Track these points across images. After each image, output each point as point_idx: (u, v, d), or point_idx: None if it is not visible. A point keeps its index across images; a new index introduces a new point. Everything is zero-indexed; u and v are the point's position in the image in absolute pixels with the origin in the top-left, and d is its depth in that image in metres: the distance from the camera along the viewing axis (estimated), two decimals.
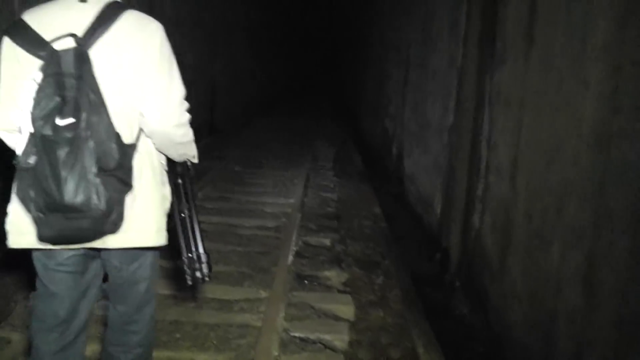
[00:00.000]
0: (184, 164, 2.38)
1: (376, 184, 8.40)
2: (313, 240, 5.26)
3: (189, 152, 2.35)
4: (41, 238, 2.01)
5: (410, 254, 5.51)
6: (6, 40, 2.03)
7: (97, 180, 1.92)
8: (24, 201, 1.99)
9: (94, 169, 1.91)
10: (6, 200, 2.14)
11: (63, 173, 1.88)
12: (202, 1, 11.47)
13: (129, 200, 2.06)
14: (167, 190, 2.30)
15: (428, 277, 5.03)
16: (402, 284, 4.43)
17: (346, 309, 3.90)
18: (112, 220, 2.01)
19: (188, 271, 2.29)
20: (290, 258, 4.70)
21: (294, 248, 4.95)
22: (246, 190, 7.11)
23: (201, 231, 2.36)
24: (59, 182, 1.88)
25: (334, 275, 4.47)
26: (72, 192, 1.89)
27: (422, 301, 4.28)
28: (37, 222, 1.98)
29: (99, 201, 1.93)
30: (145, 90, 2.08)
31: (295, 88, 25.12)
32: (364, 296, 4.12)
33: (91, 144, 1.91)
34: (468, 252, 4.61)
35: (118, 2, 2.10)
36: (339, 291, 4.21)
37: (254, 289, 4.16)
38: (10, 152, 2.09)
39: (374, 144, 11.73)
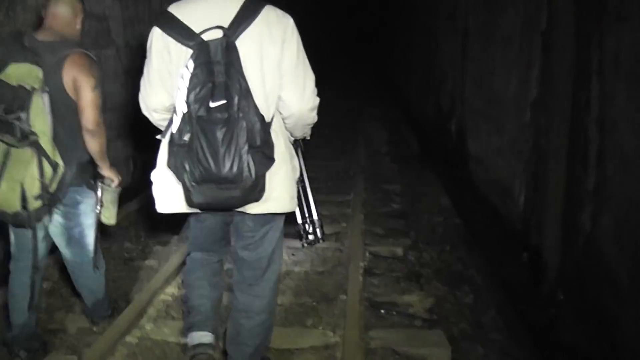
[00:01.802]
0: (297, 141, 2.67)
1: (436, 167, 7.56)
2: (382, 249, 4.47)
3: (308, 131, 2.66)
4: (192, 204, 2.31)
5: (491, 254, 4.68)
6: (156, 30, 2.30)
7: (248, 156, 2.16)
8: (177, 172, 2.25)
9: (245, 146, 2.15)
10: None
11: (221, 149, 2.12)
12: None
13: (268, 172, 2.29)
14: (296, 162, 2.57)
15: (518, 285, 4.19)
16: (496, 303, 3.61)
17: (440, 353, 3.09)
18: (258, 190, 2.25)
19: (304, 235, 2.68)
20: (360, 279, 3.88)
21: (361, 264, 4.15)
22: None
23: (314, 199, 2.69)
24: (216, 157, 2.13)
25: (415, 300, 3.67)
26: (228, 166, 2.13)
27: (521, 324, 3.45)
28: (190, 190, 2.23)
29: (249, 173, 2.17)
30: (285, 79, 2.34)
31: (339, 64, 24.04)
32: (455, 325, 3.32)
33: (243, 124, 2.16)
34: (575, 259, 3.74)
35: None
36: (424, 320, 3.41)
37: (319, 331, 3.34)
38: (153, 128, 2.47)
39: (426, 121, 10.82)
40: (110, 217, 3.07)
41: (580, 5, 3.71)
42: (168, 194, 2.41)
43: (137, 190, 5.32)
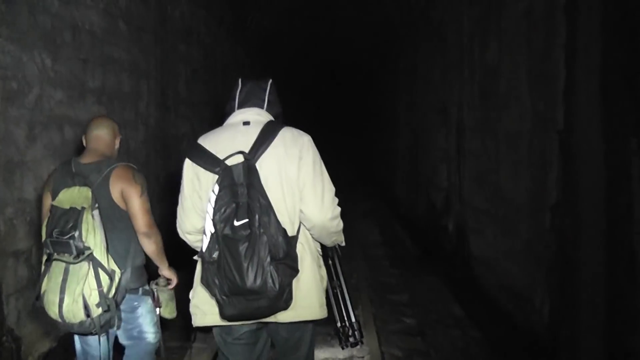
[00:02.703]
0: (333, 247, 2.78)
1: (437, 268, 7.11)
2: None
3: (338, 238, 2.76)
4: (224, 317, 2.45)
5: None
6: (187, 161, 2.56)
7: (271, 268, 2.32)
8: (209, 287, 2.42)
9: (268, 259, 2.32)
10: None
11: (244, 263, 2.30)
12: (220, 78, 10.53)
13: (295, 282, 2.44)
14: (323, 271, 2.67)
15: None
16: None
17: None
18: (284, 299, 2.38)
19: (343, 338, 2.69)
20: None
21: None
22: None
23: (351, 302, 2.73)
24: (241, 271, 2.30)
25: None
26: (252, 279, 2.30)
27: None
28: (221, 303, 2.39)
29: (273, 284, 2.32)
30: (305, 194, 2.51)
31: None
32: None
33: (264, 239, 2.33)
34: None
35: (274, 122, 2.61)
36: None
37: None
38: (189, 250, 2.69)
39: (417, 218, 10.46)
40: (171, 312, 3.28)
41: (607, 101, 3.40)
42: (204, 308, 2.56)
43: None
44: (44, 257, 2.93)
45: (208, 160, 2.50)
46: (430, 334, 4.76)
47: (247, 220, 2.34)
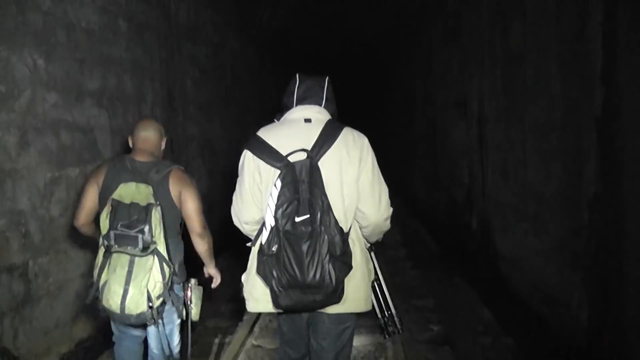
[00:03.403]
0: (371, 244, 2.89)
1: (461, 268, 6.74)
2: None
3: (382, 236, 2.87)
4: (279, 306, 2.53)
5: None
6: (248, 154, 2.63)
7: (329, 265, 2.43)
8: (266, 279, 2.52)
9: (327, 256, 2.42)
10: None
11: (306, 260, 2.40)
12: (228, 78, 10.22)
13: (346, 277, 2.54)
14: (370, 265, 2.79)
15: None
16: None
17: None
18: (338, 294, 2.49)
19: (385, 328, 2.88)
20: None
21: None
22: None
23: (390, 294, 2.90)
24: (302, 267, 2.40)
25: None
26: (312, 275, 2.40)
27: None
28: (277, 294, 2.48)
29: (330, 281, 2.43)
30: (364, 195, 2.61)
31: None
32: None
33: (325, 237, 2.42)
34: None
35: (334, 121, 2.69)
36: None
37: None
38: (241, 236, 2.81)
39: (437, 215, 10.08)
40: (196, 313, 3.33)
41: None
42: (257, 296, 2.63)
43: None
44: (101, 250, 3.02)
45: (270, 155, 2.56)
46: (459, 342, 4.41)
47: (308, 216, 2.42)
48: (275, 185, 2.47)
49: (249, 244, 2.74)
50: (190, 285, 3.29)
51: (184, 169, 3.29)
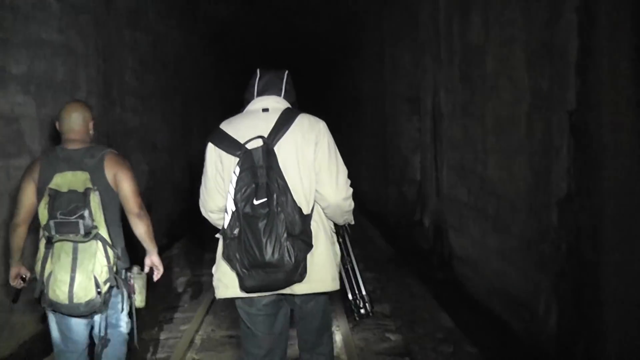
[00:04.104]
0: (343, 226, 2.96)
1: (415, 269, 6.48)
2: None
3: (349, 217, 2.92)
4: (244, 288, 2.62)
5: None
6: (210, 145, 2.73)
7: (287, 243, 2.53)
8: (230, 262, 2.62)
9: (285, 235, 2.53)
10: None
11: (263, 239, 2.51)
12: (172, 69, 9.71)
13: (310, 256, 2.63)
14: (336, 247, 2.86)
15: None
16: None
17: None
18: (299, 272, 2.58)
19: (355, 309, 2.92)
20: None
21: None
22: None
23: (361, 276, 2.97)
24: (260, 246, 2.51)
25: None
26: (270, 253, 2.51)
27: None
28: (242, 276, 2.59)
29: (290, 258, 2.53)
30: (320, 176, 2.70)
31: None
32: None
33: (282, 216, 2.54)
34: None
35: (291, 108, 2.81)
36: None
37: None
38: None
39: (387, 213, 9.85)
40: (141, 300, 3.29)
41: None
42: (227, 282, 2.70)
43: None
44: (42, 241, 2.99)
45: (230, 144, 2.66)
46: (419, 352, 4.11)
47: (265, 199, 2.53)
48: (234, 172, 2.58)
49: (217, 235, 2.78)
50: (132, 273, 3.25)
51: (117, 152, 3.27)
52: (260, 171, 2.56)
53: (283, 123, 2.69)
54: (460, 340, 4.29)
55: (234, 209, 2.57)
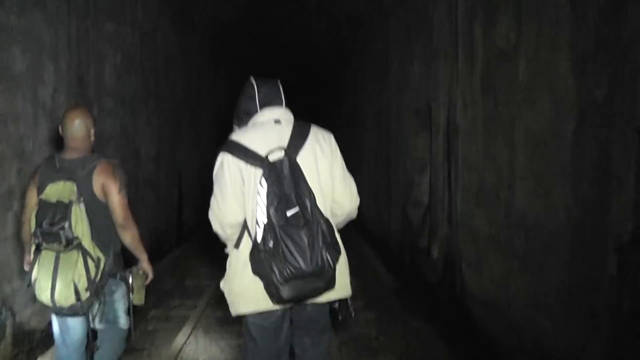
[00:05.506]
0: None
1: (422, 307, 5.64)
2: None
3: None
4: (280, 301, 2.63)
5: None
6: (228, 156, 2.71)
7: (326, 252, 2.56)
8: (263, 276, 2.60)
9: (321, 244, 2.56)
10: None
11: (307, 249, 2.52)
12: (161, 70, 8.90)
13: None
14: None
15: None
16: None
17: None
18: (333, 279, 2.64)
19: (338, 311, 2.90)
20: None
21: None
22: None
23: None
24: (305, 256, 2.51)
25: None
26: (315, 262, 2.53)
27: None
28: (278, 288, 2.56)
29: (329, 266, 2.58)
30: (337, 186, 2.81)
31: None
32: None
33: (317, 226, 2.57)
34: None
35: (301, 120, 2.85)
36: None
37: None
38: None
39: (389, 238, 9.00)
40: (140, 299, 3.41)
41: None
42: (249, 296, 2.70)
43: None
44: (33, 247, 3.13)
45: (250, 156, 2.66)
46: None
47: (297, 209, 2.54)
48: (260, 184, 2.58)
49: (227, 250, 2.83)
50: (130, 271, 3.38)
51: (112, 162, 3.32)
52: (287, 182, 2.57)
53: (299, 135, 2.74)
54: None
55: (265, 221, 2.55)
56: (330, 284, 2.64)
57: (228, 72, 15.18)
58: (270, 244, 2.53)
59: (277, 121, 2.79)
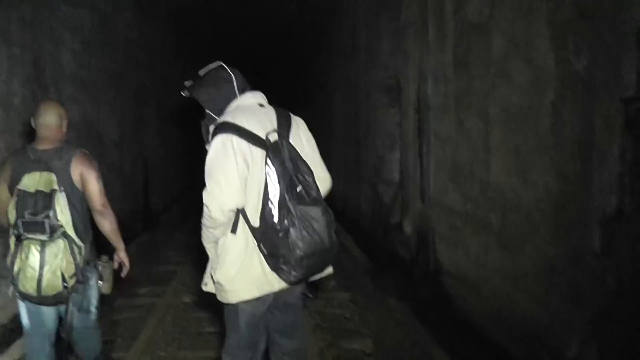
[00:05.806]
0: None
1: (395, 283, 5.58)
2: None
3: None
4: (288, 281, 2.63)
5: None
6: (235, 138, 2.61)
7: (333, 226, 2.60)
8: (282, 255, 2.56)
9: (330, 220, 2.59)
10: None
11: (327, 225, 2.56)
12: (123, 55, 8.59)
13: None
14: None
15: None
16: None
17: None
18: (336, 255, 2.70)
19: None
20: None
21: None
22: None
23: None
24: (323, 232, 2.55)
25: None
26: (332, 237, 2.59)
27: None
28: (295, 266, 2.55)
29: (337, 239, 2.64)
30: (317, 163, 2.82)
31: None
32: None
33: (324, 203, 2.61)
34: None
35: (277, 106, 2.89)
36: None
37: None
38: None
39: (360, 215, 8.93)
40: (108, 288, 3.47)
41: None
42: (242, 286, 2.65)
43: None
44: (12, 239, 3.10)
45: (252, 137, 2.62)
46: None
47: (301, 188, 2.55)
48: (267, 164, 2.59)
49: (223, 238, 2.74)
50: (100, 262, 3.40)
51: (87, 153, 3.33)
52: (288, 162, 2.57)
53: (285, 119, 2.78)
54: None
55: (278, 200, 2.56)
56: (334, 258, 2.69)
57: (192, 55, 14.84)
58: (286, 222, 2.52)
59: (261, 105, 2.80)
